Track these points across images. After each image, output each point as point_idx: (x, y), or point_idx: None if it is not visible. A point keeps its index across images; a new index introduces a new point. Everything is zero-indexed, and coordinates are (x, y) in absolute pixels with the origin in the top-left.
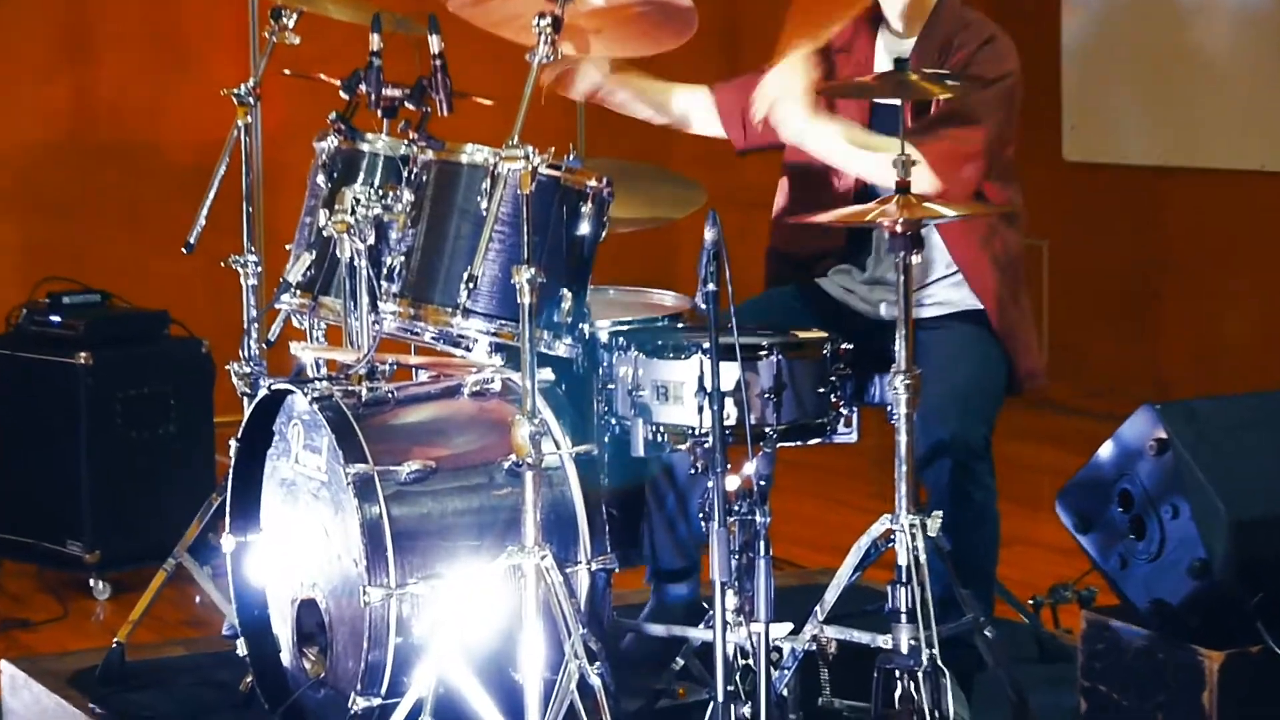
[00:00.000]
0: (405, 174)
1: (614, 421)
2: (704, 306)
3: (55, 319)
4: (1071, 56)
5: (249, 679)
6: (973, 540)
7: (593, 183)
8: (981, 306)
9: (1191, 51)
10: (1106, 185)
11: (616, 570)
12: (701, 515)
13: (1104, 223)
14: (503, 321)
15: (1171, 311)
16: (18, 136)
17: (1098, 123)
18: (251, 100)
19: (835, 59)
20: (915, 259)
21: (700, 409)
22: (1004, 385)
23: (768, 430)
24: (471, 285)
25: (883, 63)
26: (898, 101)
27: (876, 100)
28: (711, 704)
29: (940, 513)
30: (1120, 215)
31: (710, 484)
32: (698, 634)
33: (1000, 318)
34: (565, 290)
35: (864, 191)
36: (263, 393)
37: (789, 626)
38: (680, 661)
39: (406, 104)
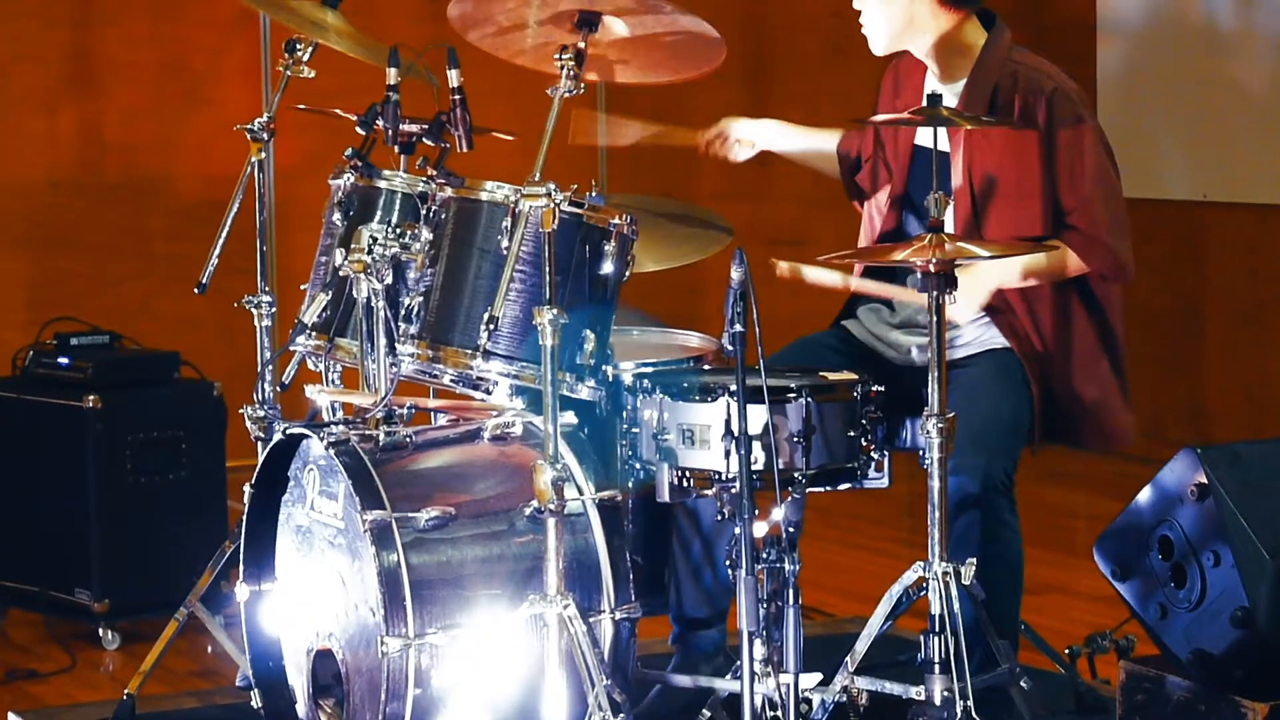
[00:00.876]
0: (424, 212)
1: (638, 466)
2: (730, 348)
3: (63, 361)
4: (1107, 89)
5: None
6: (996, 579)
7: (616, 220)
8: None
9: (1230, 84)
10: (1145, 221)
11: (641, 619)
12: (729, 563)
13: (1142, 259)
14: (524, 364)
15: (1214, 350)
16: (23, 171)
17: (1135, 157)
18: (265, 136)
19: (879, 99)
20: (949, 299)
21: (727, 453)
22: (1029, 420)
23: (796, 475)
24: (492, 326)
25: None
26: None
27: (918, 144)
28: None
29: (974, 560)
30: (1159, 252)
31: (737, 530)
32: (725, 685)
33: (1045, 361)
34: (588, 331)
35: (895, 231)
36: (277, 437)
37: (819, 677)
38: (707, 713)
39: (425, 140)
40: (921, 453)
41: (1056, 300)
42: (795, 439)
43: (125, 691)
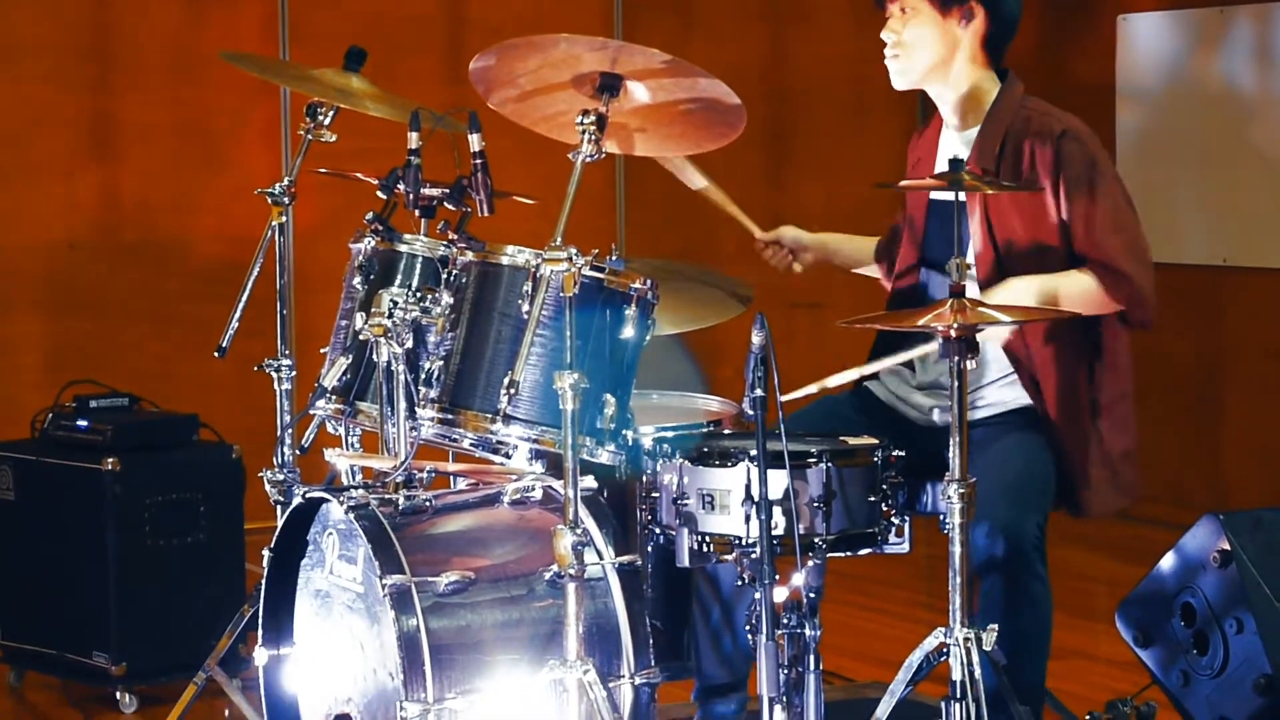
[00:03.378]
0: (444, 276)
1: (658, 531)
2: (751, 412)
3: (82, 423)
4: (1126, 154)
5: None
6: (1027, 636)
7: (637, 285)
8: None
9: (1250, 149)
10: (1164, 285)
11: (661, 684)
12: (749, 628)
13: (1162, 323)
14: (544, 428)
15: (1234, 415)
16: (43, 234)
17: (1155, 221)
18: (286, 200)
19: (907, 148)
20: (970, 364)
21: (747, 518)
22: (1055, 477)
23: (817, 540)
24: (512, 391)
25: (942, 156)
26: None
27: (934, 198)
28: None
29: (995, 626)
30: (1179, 316)
31: (757, 596)
32: None
33: (1059, 423)
34: (608, 395)
35: (916, 288)
36: (296, 501)
37: None
38: None
39: (446, 204)
40: (942, 517)
41: (1069, 362)
42: (816, 504)
43: None
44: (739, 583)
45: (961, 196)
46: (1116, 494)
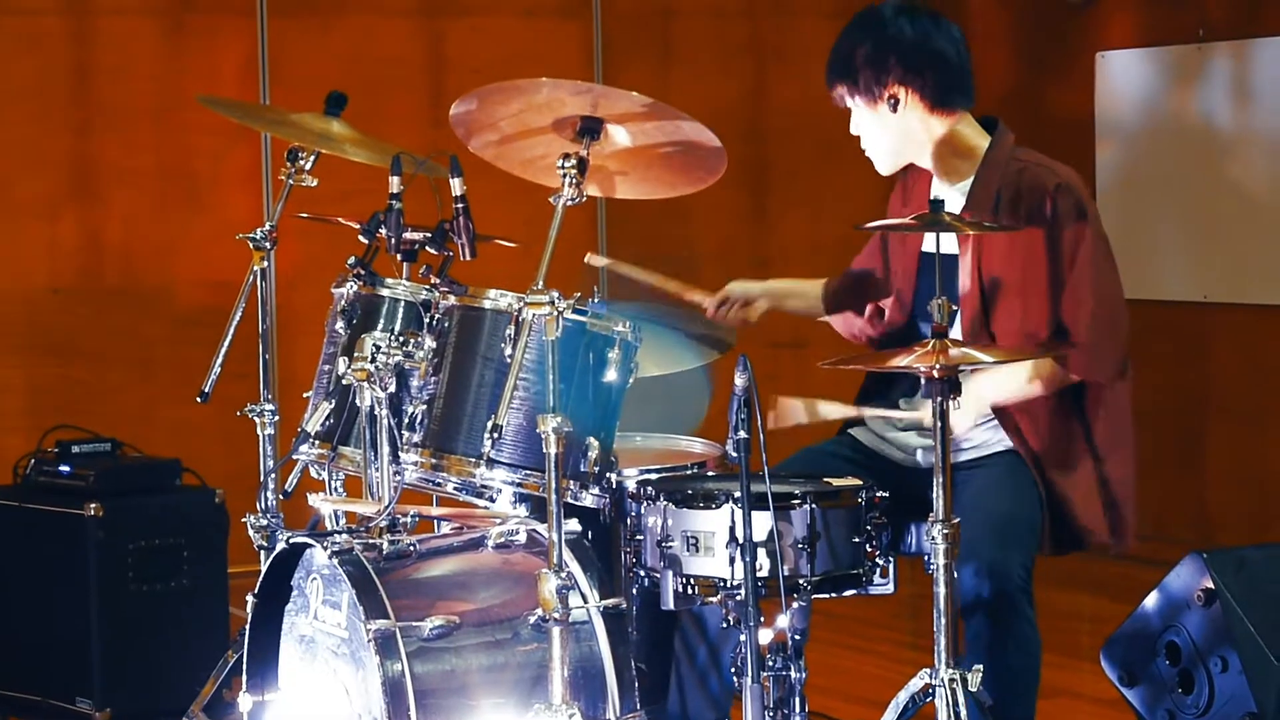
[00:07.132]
0: (427, 320)
1: (643, 574)
2: (735, 454)
3: (64, 469)
4: (1106, 190)
5: None
6: (1014, 678)
7: (619, 328)
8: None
9: (1230, 184)
10: (1146, 322)
11: None
12: (734, 670)
13: (1144, 360)
14: (528, 471)
15: (1218, 452)
16: (25, 278)
17: (1135, 258)
18: (267, 245)
19: (889, 210)
20: (953, 404)
21: (732, 560)
22: (1040, 518)
23: (801, 582)
24: (496, 434)
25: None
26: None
27: (924, 250)
28: None
29: (980, 667)
30: (1161, 352)
31: (743, 638)
32: None
33: (1048, 465)
34: (592, 439)
35: (906, 336)
36: (280, 546)
37: None
38: None
39: (428, 248)
40: (927, 558)
41: (1053, 400)
42: (800, 546)
43: None
44: (724, 625)
45: (947, 245)
46: (1116, 537)
